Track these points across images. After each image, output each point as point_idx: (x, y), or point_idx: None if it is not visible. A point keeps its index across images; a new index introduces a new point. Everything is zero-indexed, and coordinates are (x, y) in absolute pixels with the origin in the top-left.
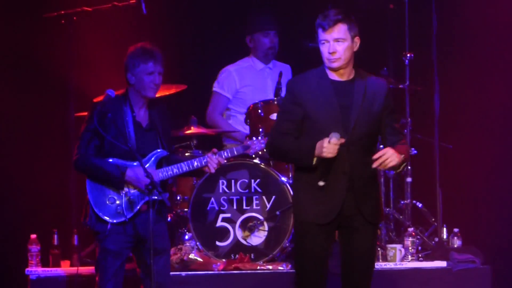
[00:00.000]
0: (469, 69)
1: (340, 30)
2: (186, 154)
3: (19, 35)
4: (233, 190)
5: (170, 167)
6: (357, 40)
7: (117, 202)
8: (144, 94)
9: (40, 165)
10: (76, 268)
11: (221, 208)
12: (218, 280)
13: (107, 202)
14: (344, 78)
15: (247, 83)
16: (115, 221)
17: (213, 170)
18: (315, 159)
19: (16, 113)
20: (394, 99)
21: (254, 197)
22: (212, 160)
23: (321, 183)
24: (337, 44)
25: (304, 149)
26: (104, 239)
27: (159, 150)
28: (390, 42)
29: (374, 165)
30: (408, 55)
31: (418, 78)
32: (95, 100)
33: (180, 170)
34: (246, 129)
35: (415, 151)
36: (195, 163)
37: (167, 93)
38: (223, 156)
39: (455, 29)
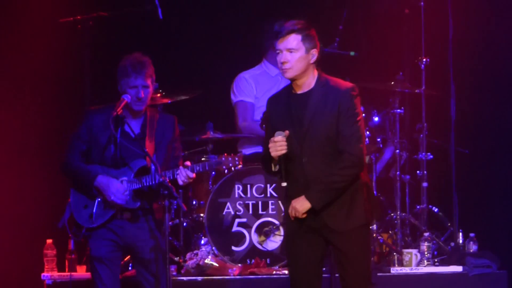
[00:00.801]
0: (485, 73)
1: (292, 40)
2: (202, 159)
3: (35, 39)
4: (249, 195)
5: (151, 176)
6: (314, 52)
7: (90, 207)
8: (130, 106)
9: (56, 169)
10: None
11: (237, 213)
12: (234, 285)
13: (83, 207)
14: (300, 90)
15: (263, 89)
16: (86, 226)
17: (180, 183)
18: (273, 165)
19: (35, 117)
20: (410, 103)
21: (270, 202)
22: (181, 173)
23: (284, 184)
24: (289, 54)
25: (265, 154)
26: (89, 246)
27: (136, 160)
28: (406, 47)
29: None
30: (424, 59)
31: (434, 83)
32: (87, 108)
33: (156, 180)
34: None
35: (431, 156)
36: (168, 174)
37: (183, 98)
38: (195, 170)
39: (471, 34)
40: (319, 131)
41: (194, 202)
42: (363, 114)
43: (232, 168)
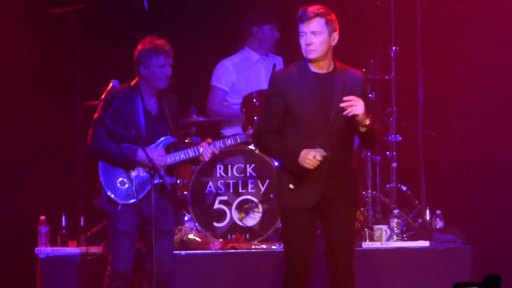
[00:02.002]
0: (452, 60)
1: (317, 23)
2: (186, 140)
3: (27, 31)
4: (229, 175)
5: (177, 153)
6: (335, 35)
7: (128, 184)
8: (156, 85)
9: (49, 152)
10: (84, 247)
11: (219, 191)
12: (216, 259)
13: (118, 184)
14: (323, 71)
15: (243, 75)
16: (125, 202)
17: (206, 159)
18: (295, 166)
19: (26, 103)
20: (381, 89)
21: (249, 181)
22: (207, 150)
23: (291, 186)
24: (313, 36)
25: (288, 154)
26: (115, 220)
27: (167, 137)
28: (377, 36)
29: (342, 104)
30: (394, 48)
31: (403, 70)
32: (102, 90)
33: (185, 156)
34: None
35: (400, 138)
36: (191, 153)
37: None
38: (217, 147)
39: (438, 23)
40: (343, 111)
41: (178, 181)
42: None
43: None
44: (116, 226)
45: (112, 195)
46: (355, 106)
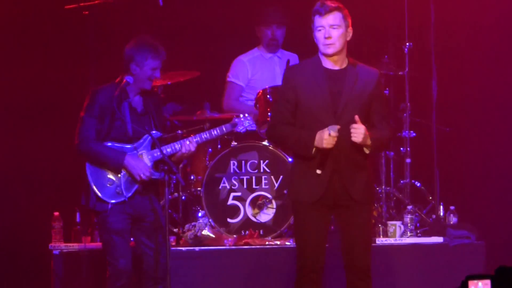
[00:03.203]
0: (466, 56)
1: (335, 17)
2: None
3: (42, 26)
4: (243, 170)
5: (164, 147)
6: (350, 30)
7: (116, 183)
8: (142, 85)
9: (63, 148)
10: (97, 243)
11: (232, 187)
12: (229, 255)
13: (107, 184)
14: (337, 66)
15: (258, 71)
16: (114, 201)
17: (185, 151)
18: (314, 150)
19: (40, 98)
20: (394, 84)
21: (263, 177)
22: (191, 142)
23: (318, 171)
24: (332, 30)
25: (303, 140)
26: (107, 220)
27: (153, 132)
28: (391, 31)
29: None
30: (408, 43)
31: (417, 65)
32: (94, 87)
33: (172, 150)
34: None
35: (414, 134)
36: (177, 146)
37: (182, 80)
38: (203, 138)
39: (452, 18)
40: (354, 107)
41: (192, 177)
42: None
43: (247, 128)
44: (109, 225)
45: (101, 194)
46: (354, 134)
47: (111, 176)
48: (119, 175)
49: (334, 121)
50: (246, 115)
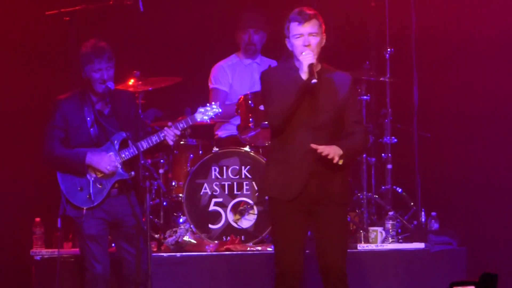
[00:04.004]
0: (447, 62)
1: (314, 25)
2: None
3: (23, 32)
4: (224, 176)
5: (139, 143)
6: (324, 36)
7: (86, 189)
8: (95, 89)
9: (41, 161)
10: (77, 249)
11: (214, 193)
12: (211, 261)
13: (78, 189)
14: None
15: (237, 77)
16: (86, 207)
17: (171, 142)
18: (307, 76)
19: (21, 104)
20: (376, 90)
21: (244, 183)
22: (169, 133)
23: (314, 80)
24: (311, 37)
25: (295, 86)
26: (82, 226)
27: (116, 134)
28: (372, 37)
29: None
30: (389, 49)
31: (398, 71)
32: (55, 98)
33: (141, 147)
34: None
35: (395, 140)
36: (154, 138)
37: (163, 85)
38: (179, 128)
39: (433, 24)
40: (330, 109)
41: (173, 183)
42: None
43: (213, 115)
44: (83, 231)
45: (73, 201)
46: (330, 157)
47: (81, 181)
48: (89, 181)
49: (312, 123)
50: (213, 103)
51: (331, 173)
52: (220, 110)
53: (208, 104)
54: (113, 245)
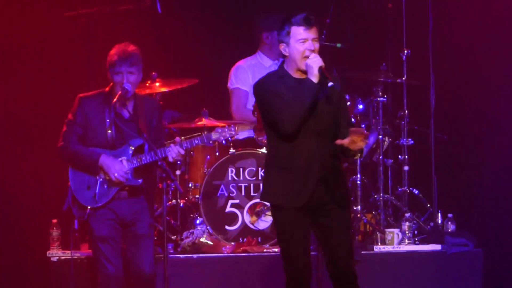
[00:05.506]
0: (464, 64)
1: (316, 30)
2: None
3: (40, 33)
4: (241, 178)
5: (145, 155)
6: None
7: (93, 188)
8: (115, 91)
9: (56, 155)
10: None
11: (230, 194)
12: (227, 262)
13: (86, 188)
14: (303, 75)
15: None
16: (90, 206)
17: (170, 159)
18: (318, 79)
19: (40, 106)
20: (393, 92)
21: (261, 184)
22: (173, 150)
23: (331, 83)
24: (315, 43)
25: (307, 91)
26: (92, 227)
27: (133, 140)
28: (389, 39)
29: (339, 142)
30: (406, 51)
31: (415, 73)
32: (81, 94)
33: (152, 158)
34: None
35: (412, 141)
36: (159, 153)
37: (180, 87)
38: (183, 147)
39: (450, 26)
40: (329, 112)
41: (190, 185)
42: (349, 102)
43: (229, 138)
44: (93, 232)
45: (79, 199)
46: (357, 145)
47: (90, 180)
48: (98, 180)
49: (316, 127)
50: (231, 126)
51: (336, 177)
52: (237, 134)
53: (227, 126)
54: None
